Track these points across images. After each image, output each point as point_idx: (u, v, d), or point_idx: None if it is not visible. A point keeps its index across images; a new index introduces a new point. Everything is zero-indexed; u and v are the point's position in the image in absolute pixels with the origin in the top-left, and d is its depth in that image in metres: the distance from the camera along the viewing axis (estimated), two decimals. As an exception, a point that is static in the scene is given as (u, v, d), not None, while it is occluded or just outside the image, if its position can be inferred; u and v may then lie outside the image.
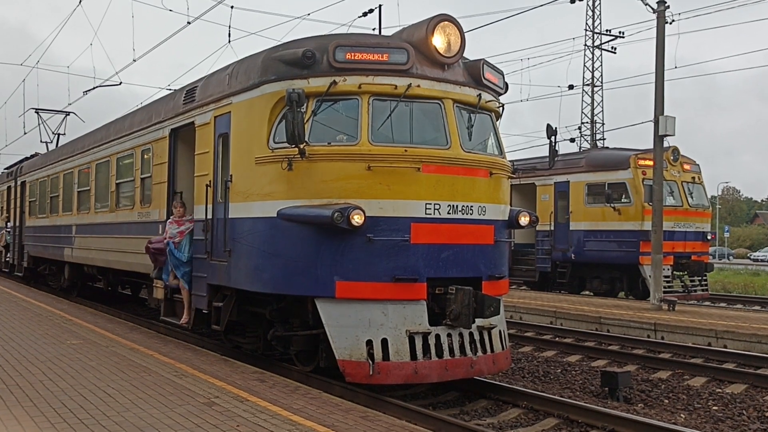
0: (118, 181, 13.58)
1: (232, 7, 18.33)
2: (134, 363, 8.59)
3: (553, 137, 9.75)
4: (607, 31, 41.00)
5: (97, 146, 15.09)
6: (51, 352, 9.25)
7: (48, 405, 6.40)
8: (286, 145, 7.73)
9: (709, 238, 20.87)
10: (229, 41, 19.65)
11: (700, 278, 20.39)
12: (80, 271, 17.04)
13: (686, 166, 20.59)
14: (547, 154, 9.88)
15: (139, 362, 8.65)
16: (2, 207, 25.66)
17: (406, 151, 7.89)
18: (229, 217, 8.93)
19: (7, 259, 23.76)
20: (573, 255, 20.63)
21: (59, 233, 17.56)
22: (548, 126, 9.79)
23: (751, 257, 70.01)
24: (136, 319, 14.00)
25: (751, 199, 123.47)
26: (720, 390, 9.73)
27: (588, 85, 42.21)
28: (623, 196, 19.58)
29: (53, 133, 26.39)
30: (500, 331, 8.61)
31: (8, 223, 23.79)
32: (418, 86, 8.12)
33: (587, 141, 40.27)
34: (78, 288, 18.28)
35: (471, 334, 8.10)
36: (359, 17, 21.03)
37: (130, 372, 8.01)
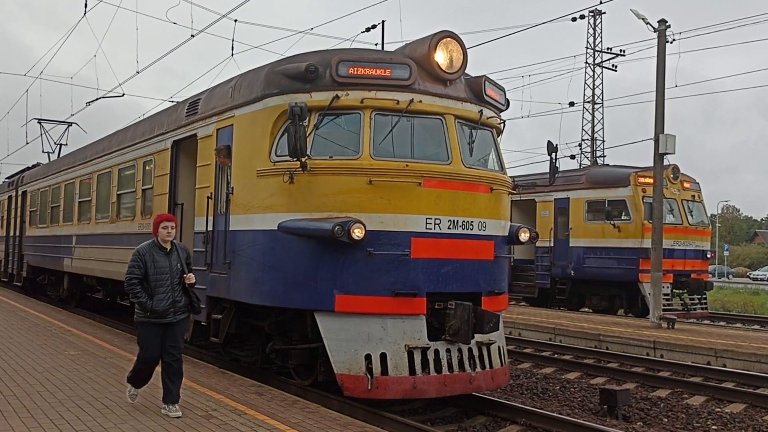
0: (119, 192, 13.61)
1: (235, 20, 18.51)
2: (132, 374, 8.54)
3: (553, 154, 9.80)
4: (608, 49, 41.33)
5: (99, 157, 15.14)
6: (49, 362, 9.23)
7: (45, 416, 6.38)
8: (288, 158, 7.76)
9: (708, 256, 20.88)
10: (233, 54, 19.76)
11: (699, 297, 20.36)
12: (79, 281, 17.01)
13: (686, 184, 20.64)
14: (548, 171, 9.92)
15: (137, 374, 8.60)
16: (2, 216, 25.67)
17: (407, 165, 7.92)
18: (230, 229, 8.94)
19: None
20: (572, 272, 20.63)
21: (59, 243, 17.56)
22: (549, 143, 9.84)
23: (751, 276, 69.91)
24: (135, 330, 13.94)
25: (751, 218, 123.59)
26: (719, 409, 9.69)
27: (588, 102, 42.41)
28: (623, 214, 19.62)
29: (55, 143, 26.49)
30: (499, 347, 8.59)
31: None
32: (420, 102, 8.16)
33: (587, 158, 40.42)
34: (77, 298, 18.24)
35: (470, 350, 8.08)
36: (362, 32, 21.17)
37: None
